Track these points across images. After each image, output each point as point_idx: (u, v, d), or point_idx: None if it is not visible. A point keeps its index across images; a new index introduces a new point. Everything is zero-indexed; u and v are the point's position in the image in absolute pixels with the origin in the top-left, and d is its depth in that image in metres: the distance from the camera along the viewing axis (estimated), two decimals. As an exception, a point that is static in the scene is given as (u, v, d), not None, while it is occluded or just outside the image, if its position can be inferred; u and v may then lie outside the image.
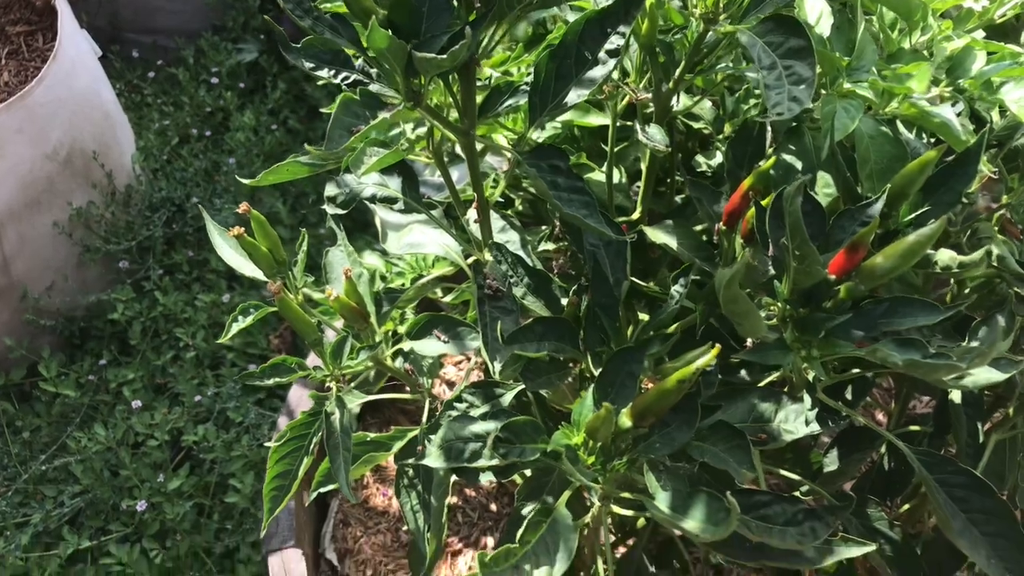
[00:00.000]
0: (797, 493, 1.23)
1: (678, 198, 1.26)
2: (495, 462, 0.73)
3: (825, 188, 0.82)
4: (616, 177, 1.14)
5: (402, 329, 1.03)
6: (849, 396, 1.19)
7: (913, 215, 0.76)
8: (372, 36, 0.65)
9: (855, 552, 0.81)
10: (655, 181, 1.27)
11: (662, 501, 0.62)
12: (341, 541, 1.53)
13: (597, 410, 0.66)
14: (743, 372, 0.98)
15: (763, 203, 0.76)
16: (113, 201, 2.38)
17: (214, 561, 1.91)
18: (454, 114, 0.88)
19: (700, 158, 1.09)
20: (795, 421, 0.81)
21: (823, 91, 0.83)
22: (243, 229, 0.85)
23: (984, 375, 0.74)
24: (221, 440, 2.01)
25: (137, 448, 2.06)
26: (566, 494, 0.67)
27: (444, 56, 0.64)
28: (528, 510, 0.85)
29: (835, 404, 0.80)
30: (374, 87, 0.80)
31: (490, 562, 0.59)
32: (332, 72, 0.80)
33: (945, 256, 0.75)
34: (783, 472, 1.00)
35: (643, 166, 1.06)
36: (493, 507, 1.61)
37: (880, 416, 1.75)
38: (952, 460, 0.78)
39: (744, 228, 0.82)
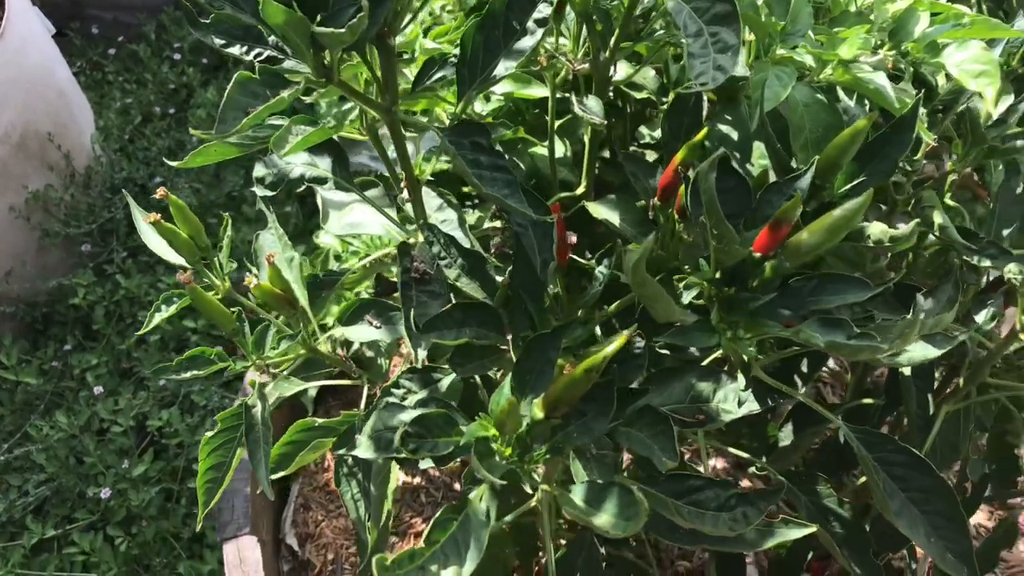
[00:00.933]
0: (753, 468, 1.21)
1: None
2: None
3: (761, 159, 0.79)
4: (561, 151, 1.11)
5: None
6: (805, 368, 1.17)
7: (848, 186, 0.73)
8: (267, 10, 0.61)
9: (796, 534, 0.79)
10: (610, 152, 1.24)
11: (577, 494, 0.60)
12: (302, 525, 1.51)
13: (515, 396, 0.64)
14: (692, 349, 0.96)
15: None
16: (72, 183, 2.33)
17: (182, 546, 1.89)
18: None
19: (644, 129, 1.05)
20: (734, 400, 0.79)
21: (761, 57, 0.79)
22: (159, 216, 0.82)
23: (920, 351, 0.72)
24: (186, 424, 1.99)
25: (102, 434, 2.03)
26: (481, 489, 0.64)
27: (344, 30, 0.61)
28: (473, 495, 0.83)
29: (774, 382, 0.78)
30: (289, 63, 0.76)
31: (391, 565, 0.56)
32: (244, 49, 0.76)
33: (876, 229, 0.72)
34: (731, 450, 0.98)
35: (586, 138, 1.03)
36: (457, 486, 1.59)
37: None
38: (892, 438, 0.76)
39: (678, 203, 0.79)
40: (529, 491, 0.77)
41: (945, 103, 0.87)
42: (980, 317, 0.94)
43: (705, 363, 0.91)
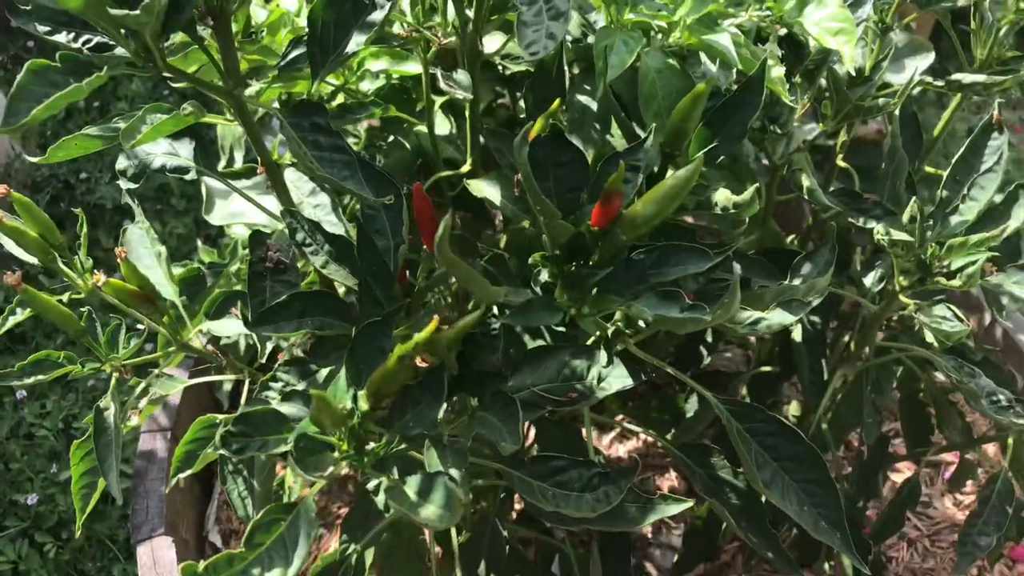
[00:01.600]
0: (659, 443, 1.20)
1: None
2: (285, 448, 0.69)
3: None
4: (447, 127, 1.08)
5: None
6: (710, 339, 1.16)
7: (700, 152, 0.71)
8: (58, -7, 0.57)
9: (674, 510, 0.78)
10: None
11: (411, 487, 0.57)
12: (226, 522, 1.49)
13: (351, 388, 0.61)
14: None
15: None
16: (-10, 183, 2.27)
17: (119, 547, 1.86)
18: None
19: (522, 103, 1.03)
20: (608, 377, 0.77)
21: (609, 22, 0.77)
22: (3, 213, 0.78)
23: (777, 318, 0.70)
24: (116, 424, 1.95)
25: (30, 439, 1.99)
26: (315, 488, 0.62)
27: (138, 12, 0.57)
28: (372, 485, 0.80)
29: (643, 355, 0.76)
30: (120, 51, 0.73)
31: (205, 572, 0.54)
32: (71, 35, 0.73)
33: (721, 196, 0.70)
34: (625, 423, 0.97)
35: (467, 114, 1.00)
36: (384, 474, 1.57)
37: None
38: (761, 408, 0.74)
39: (539, 178, 0.76)
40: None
41: (816, 63, 0.85)
42: (868, 279, 0.93)
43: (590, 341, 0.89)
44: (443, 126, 1.08)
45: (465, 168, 1.03)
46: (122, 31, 0.64)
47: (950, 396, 1.12)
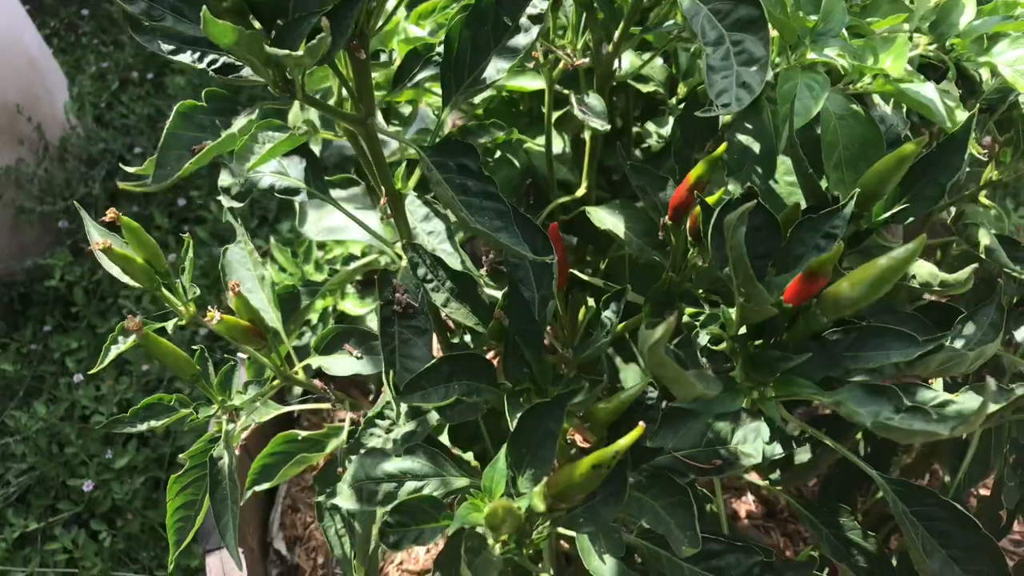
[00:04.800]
0: (764, 481, 1.14)
1: (638, 151, 1.13)
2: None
3: (786, 175, 0.70)
4: (559, 147, 1.01)
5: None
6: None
7: (888, 213, 0.64)
8: (213, 31, 0.51)
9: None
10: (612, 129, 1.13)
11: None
12: (290, 528, 1.45)
13: (510, 472, 0.56)
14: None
15: (709, 200, 0.64)
16: (46, 156, 2.22)
17: (172, 536, 1.84)
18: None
19: (651, 126, 0.95)
20: (755, 442, 0.71)
21: (788, 60, 0.69)
22: (110, 242, 0.73)
23: (970, 403, 0.63)
24: (171, 411, 1.92)
25: (85, 422, 1.97)
26: None
27: (301, 53, 0.51)
28: None
29: (814, 431, 0.69)
30: (247, 71, 0.67)
31: None
32: (196, 55, 0.67)
33: (924, 271, 0.63)
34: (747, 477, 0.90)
35: (586, 135, 0.93)
36: (452, 483, 1.52)
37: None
38: (931, 491, 0.68)
39: (692, 225, 0.70)
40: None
41: (990, 102, 0.78)
42: (1021, 334, 0.86)
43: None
44: (555, 144, 1.01)
45: (580, 192, 0.97)
46: (265, 64, 0.58)
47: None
